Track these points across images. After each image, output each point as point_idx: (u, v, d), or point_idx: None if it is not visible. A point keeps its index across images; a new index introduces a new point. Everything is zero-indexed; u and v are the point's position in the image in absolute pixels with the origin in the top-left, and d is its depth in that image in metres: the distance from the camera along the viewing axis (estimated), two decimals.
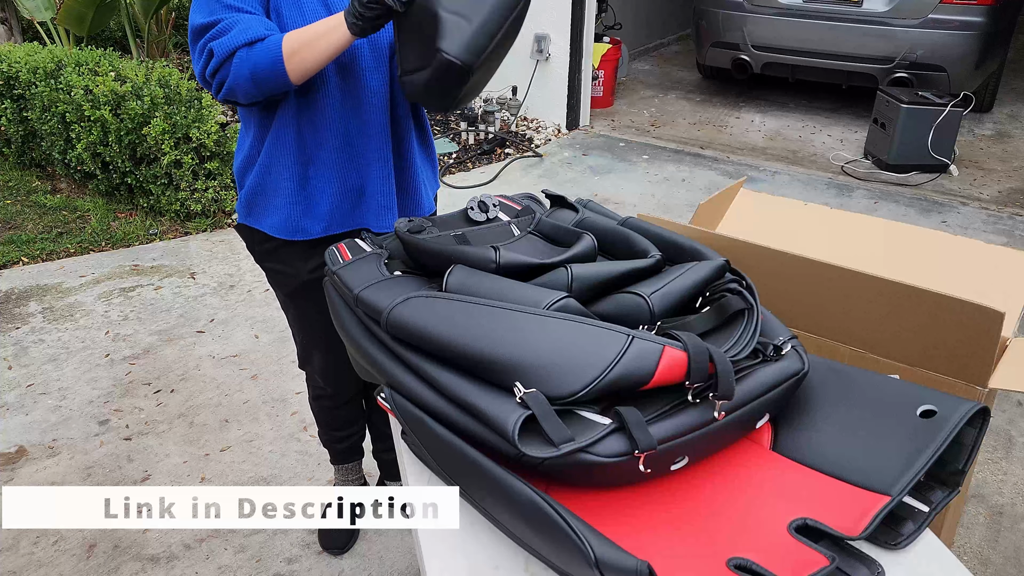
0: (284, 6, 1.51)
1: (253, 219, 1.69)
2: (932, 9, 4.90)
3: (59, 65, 4.01)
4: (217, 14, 1.45)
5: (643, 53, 7.20)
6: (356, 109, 1.59)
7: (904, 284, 1.47)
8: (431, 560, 0.99)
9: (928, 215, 4.16)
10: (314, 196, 1.64)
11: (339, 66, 1.55)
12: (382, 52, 1.57)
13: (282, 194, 1.64)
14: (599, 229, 1.31)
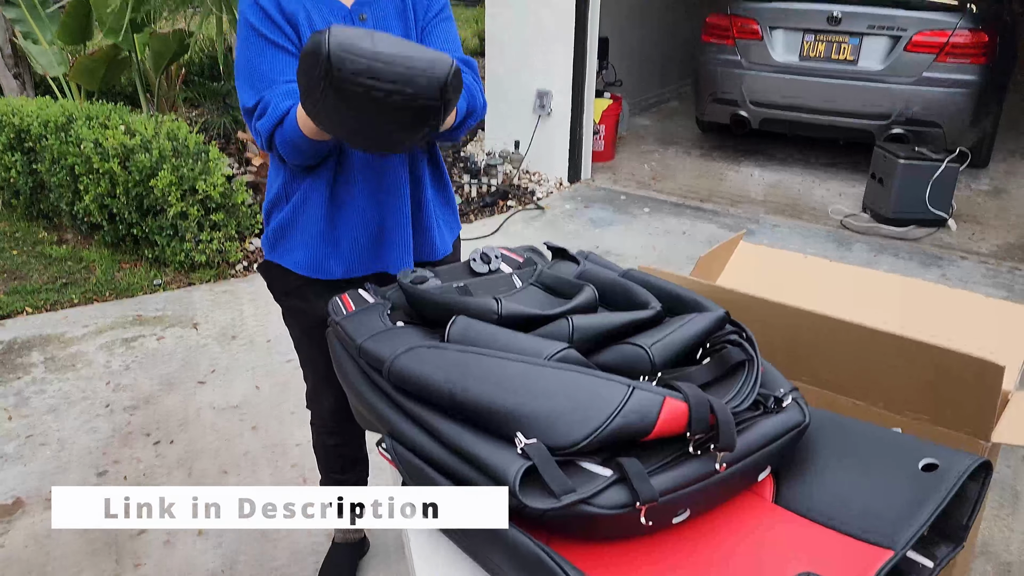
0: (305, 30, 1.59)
1: (278, 255, 1.75)
2: (926, 68, 4.99)
3: (70, 119, 4.08)
4: (257, 90, 1.55)
5: (643, 109, 7.32)
6: (382, 162, 1.65)
7: (905, 337, 1.48)
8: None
9: (928, 268, 4.18)
10: (339, 236, 1.70)
11: None
12: None
13: (310, 232, 1.70)
14: (600, 281, 1.33)
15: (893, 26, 5.04)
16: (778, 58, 5.39)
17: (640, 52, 7.07)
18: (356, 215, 1.68)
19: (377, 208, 1.69)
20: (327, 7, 1.63)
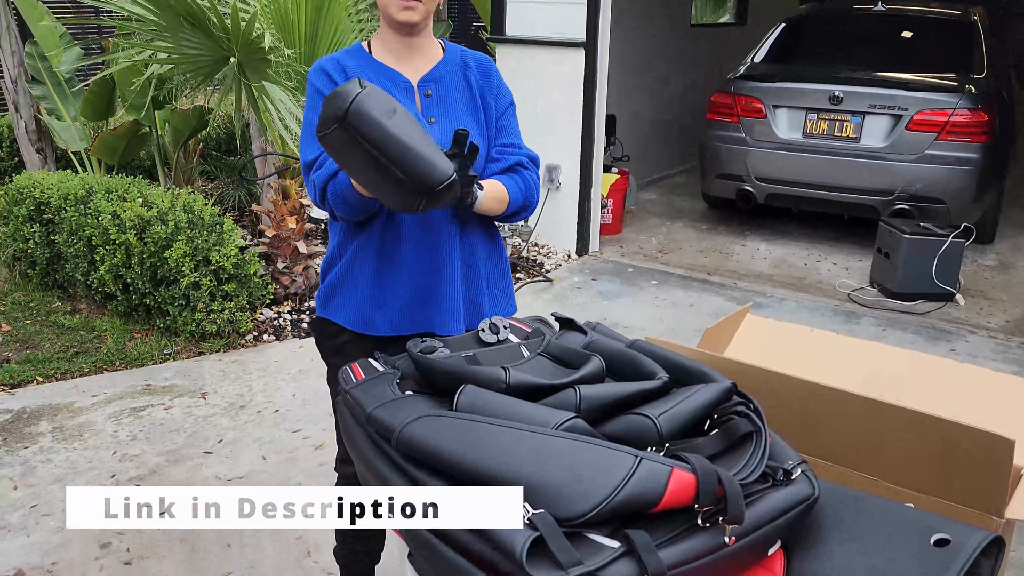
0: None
1: (329, 311, 1.82)
2: (928, 146, 5.08)
3: (89, 192, 4.18)
4: (316, 147, 1.67)
5: (650, 183, 7.44)
6: (430, 222, 1.73)
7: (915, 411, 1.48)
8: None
9: (936, 343, 4.17)
10: (387, 294, 1.76)
11: None
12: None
13: (359, 288, 1.78)
14: (607, 351, 1.34)
15: (894, 106, 5.16)
16: (782, 135, 5.50)
17: (647, 129, 7.22)
18: (404, 273, 1.75)
19: (425, 269, 1.75)
20: (390, 79, 1.72)
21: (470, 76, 1.80)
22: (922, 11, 6.04)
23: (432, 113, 1.73)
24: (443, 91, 1.76)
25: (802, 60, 5.90)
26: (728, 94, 5.70)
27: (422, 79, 1.75)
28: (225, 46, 3.69)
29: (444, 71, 1.77)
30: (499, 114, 1.81)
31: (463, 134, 1.49)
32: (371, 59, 1.74)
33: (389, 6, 1.66)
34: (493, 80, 1.82)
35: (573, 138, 5.28)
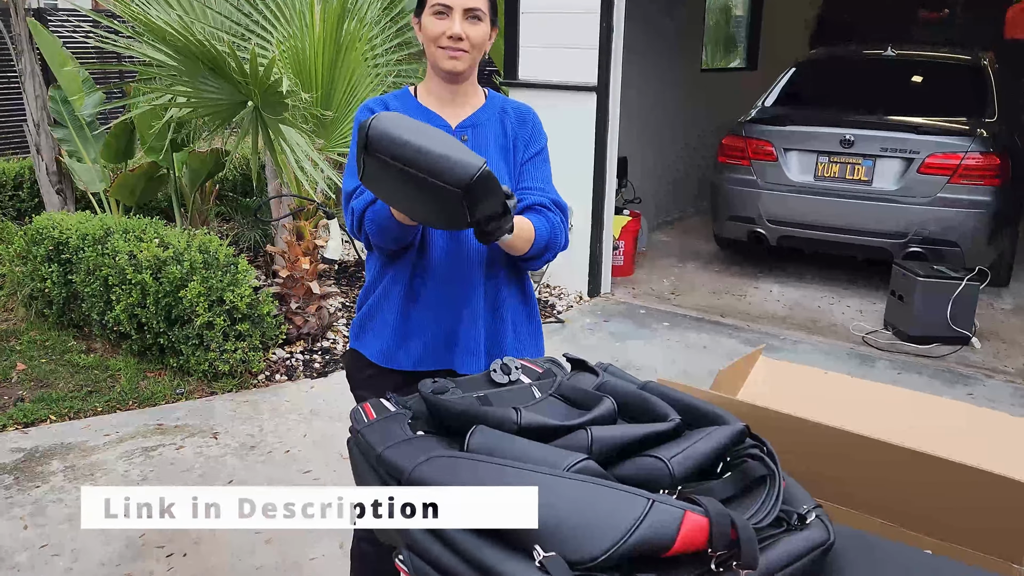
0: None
1: (360, 344, 1.89)
2: (941, 189, 5.08)
3: (107, 232, 4.23)
4: (356, 179, 1.73)
5: (662, 225, 7.46)
6: (458, 261, 1.78)
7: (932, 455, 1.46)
8: None
9: (953, 387, 4.12)
10: (412, 329, 1.82)
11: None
12: None
13: (388, 324, 1.83)
14: (619, 393, 1.34)
15: (905, 149, 5.17)
16: (793, 178, 5.51)
17: (658, 171, 7.27)
18: (429, 311, 1.80)
19: (450, 307, 1.80)
20: (430, 122, 1.80)
21: (507, 122, 1.86)
22: (931, 56, 6.10)
23: None
24: (479, 136, 1.82)
25: (813, 104, 5.95)
26: (739, 137, 5.74)
27: (460, 123, 1.82)
28: (243, 90, 3.76)
29: (483, 117, 1.84)
30: (526, 158, 1.86)
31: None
32: (415, 102, 1.83)
33: (436, 55, 1.74)
34: (528, 126, 1.88)
35: (585, 180, 5.31)
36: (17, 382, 3.98)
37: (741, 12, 8.74)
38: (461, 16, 1.71)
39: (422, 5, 1.77)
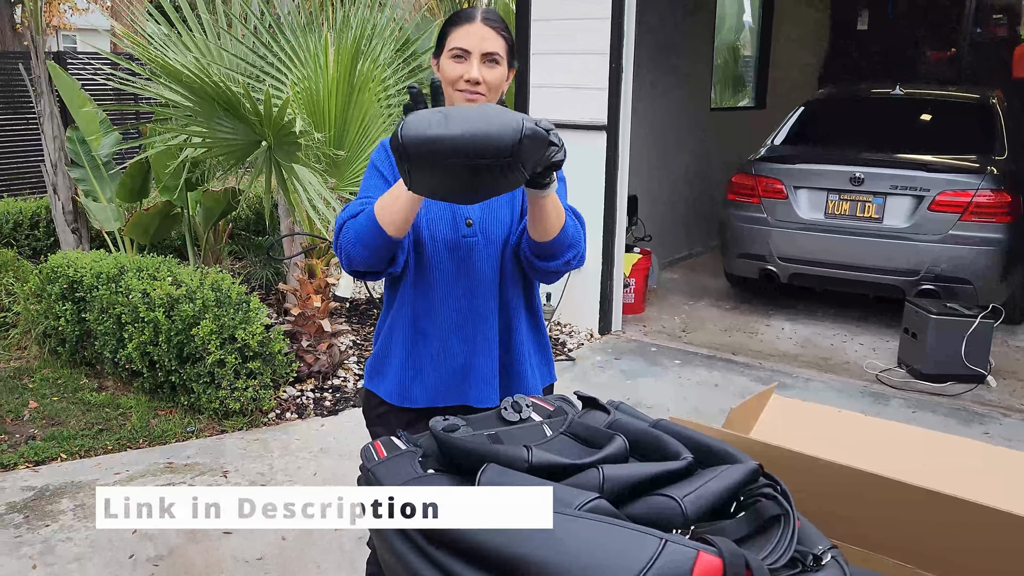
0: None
1: (373, 383, 1.90)
2: (952, 226, 5.08)
3: (121, 270, 4.27)
4: (350, 210, 1.74)
5: (673, 263, 7.47)
6: (467, 292, 1.78)
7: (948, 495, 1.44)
8: None
9: (969, 426, 4.08)
10: (424, 367, 1.82)
11: (452, 252, 1.77)
12: (495, 243, 1.79)
13: (397, 362, 1.84)
14: (631, 431, 1.33)
15: (916, 186, 5.18)
16: (804, 216, 5.52)
17: (668, 209, 7.29)
18: (438, 346, 1.80)
19: (462, 342, 1.80)
20: None
21: None
22: (940, 94, 6.13)
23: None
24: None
25: (822, 142, 5.98)
26: (749, 175, 5.77)
27: None
28: (257, 130, 3.82)
29: None
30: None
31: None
32: None
33: (454, 98, 1.76)
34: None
35: (595, 218, 5.34)
36: (29, 420, 3.99)
37: (749, 52, 8.84)
38: (479, 60, 1.73)
39: (441, 47, 1.79)
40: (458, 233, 1.77)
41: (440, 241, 1.77)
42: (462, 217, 1.78)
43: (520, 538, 1.02)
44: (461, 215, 1.78)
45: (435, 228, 1.77)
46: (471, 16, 1.77)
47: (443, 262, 1.78)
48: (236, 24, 4.57)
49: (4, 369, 4.60)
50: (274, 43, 4.23)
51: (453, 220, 1.77)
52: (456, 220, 1.77)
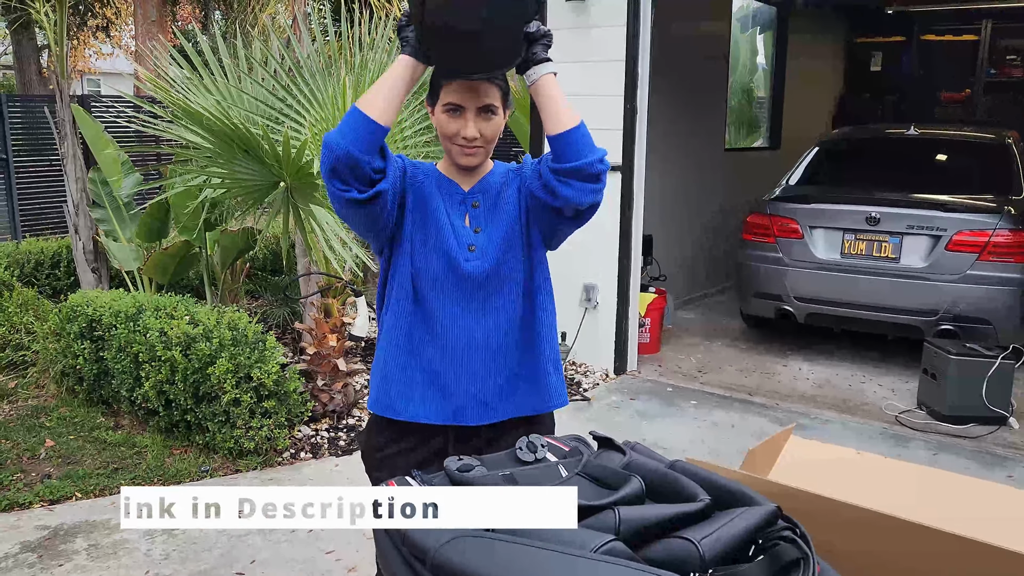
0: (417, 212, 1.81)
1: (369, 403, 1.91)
2: (970, 266, 5.04)
3: (140, 309, 4.31)
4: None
5: (688, 302, 7.44)
6: (468, 314, 1.82)
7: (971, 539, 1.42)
8: None
9: (992, 469, 4.00)
10: (409, 381, 1.84)
11: (455, 276, 1.80)
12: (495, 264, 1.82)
13: (384, 374, 1.86)
14: (647, 472, 1.32)
15: (932, 226, 5.16)
16: (820, 255, 5.51)
17: (684, 248, 7.30)
18: (423, 362, 1.83)
19: (446, 360, 1.82)
20: (447, 188, 1.85)
21: (510, 176, 1.90)
22: (955, 134, 6.14)
23: (479, 223, 1.84)
24: (489, 200, 1.86)
25: (837, 182, 5.98)
26: (764, 215, 5.77)
27: (472, 188, 1.86)
28: (276, 172, 3.87)
29: (491, 180, 1.88)
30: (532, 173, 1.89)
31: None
32: (437, 172, 1.88)
33: (451, 150, 1.79)
34: (530, 163, 1.92)
35: (610, 258, 5.34)
36: (45, 459, 4.00)
37: (763, 93, 8.90)
38: (475, 114, 1.74)
39: (435, 95, 1.78)
40: (462, 257, 1.80)
41: (442, 259, 1.79)
42: (466, 243, 1.80)
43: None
44: (465, 241, 1.80)
45: (436, 254, 1.80)
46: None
47: (445, 286, 1.80)
48: (257, 67, 4.66)
49: (22, 407, 4.63)
50: (293, 86, 4.31)
51: (458, 244, 1.80)
52: (460, 245, 1.80)
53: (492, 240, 1.82)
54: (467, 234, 1.82)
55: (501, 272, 1.83)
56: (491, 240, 1.82)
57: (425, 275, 1.81)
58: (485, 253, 1.81)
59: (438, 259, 1.80)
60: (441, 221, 1.81)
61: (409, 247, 1.81)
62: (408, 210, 1.82)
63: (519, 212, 1.86)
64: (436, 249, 1.80)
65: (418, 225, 1.81)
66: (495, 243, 1.82)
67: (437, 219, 1.81)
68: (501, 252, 1.82)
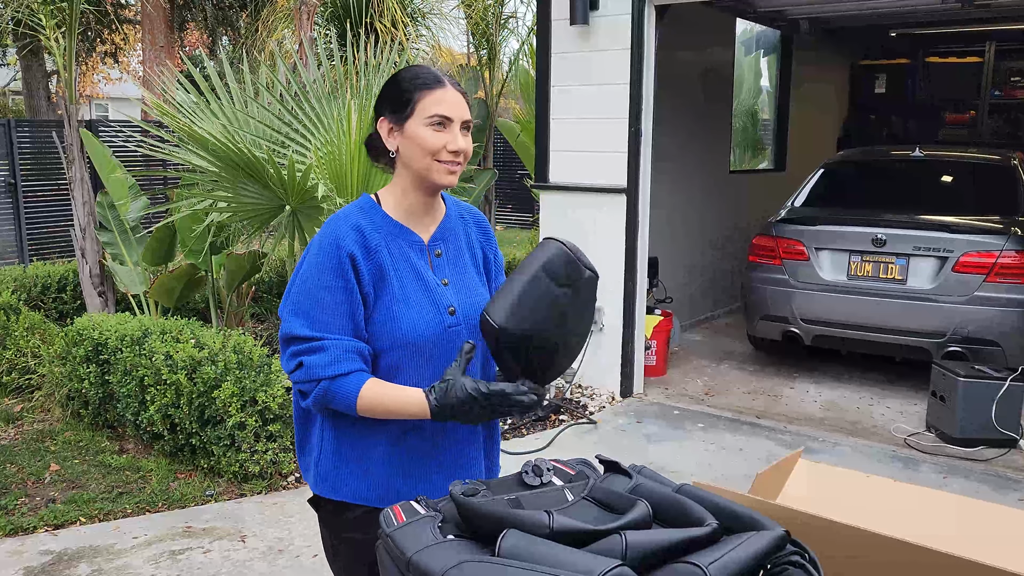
0: (389, 292, 1.62)
1: (338, 491, 1.71)
2: (977, 287, 5.02)
3: (145, 333, 4.31)
4: (315, 329, 1.56)
5: (694, 325, 7.42)
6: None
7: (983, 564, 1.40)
8: None
9: (1003, 492, 3.96)
10: (409, 463, 1.68)
11: (434, 343, 1.64)
12: (477, 328, 1.64)
13: (378, 459, 1.68)
14: (654, 496, 1.31)
15: (939, 248, 5.15)
16: (826, 277, 5.49)
17: (689, 271, 7.29)
18: (419, 441, 1.67)
19: (444, 432, 1.68)
20: (406, 239, 1.67)
21: (470, 231, 1.79)
22: (960, 156, 6.14)
23: (444, 274, 1.69)
24: (450, 249, 1.73)
25: (842, 203, 5.98)
26: (770, 237, 5.77)
27: (432, 238, 1.71)
28: (281, 195, 3.89)
29: (449, 227, 1.74)
30: (497, 270, 1.84)
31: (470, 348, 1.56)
32: (386, 216, 1.67)
33: (432, 168, 1.60)
34: (489, 236, 1.83)
35: (616, 280, 5.34)
36: (50, 483, 3.99)
37: (768, 115, 8.93)
38: (460, 128, 1.62)
39: (405, 110, 1.61)
40: (443, 324, 1.64)
41: (425, 335, 1.62)
42: (444, 306, 1.65)
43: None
44: (443, 304, 1.65)
45: (419, 321, 1.62)
46: (440, 78, 1.63)
47: (424, 352, 1.63)
48: (263, 92, 4.70)
49: (27, 431, 4.62)
50: (299, 110, 4.34)
51: (436, 310, 1.64)
52: (439, 310, 1.64)
53: (471, 300, 1.71)
54: (446, 296, 1.68)
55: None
56: (470, 299, 1.71)
57: (402, 347, 1.66)
58: (468, 316, 1.68)
59: (415, 328, 1.64)
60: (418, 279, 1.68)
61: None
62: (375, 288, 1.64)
63: (480, 268, 1.79)
64: (413, 317, 1.64)
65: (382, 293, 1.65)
66: (475, 304, 1.70)
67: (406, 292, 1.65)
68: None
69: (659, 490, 1.33)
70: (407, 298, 1.62)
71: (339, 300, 1.57)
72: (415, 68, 1.66)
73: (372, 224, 1.64)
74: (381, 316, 1.60)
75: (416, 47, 8.60)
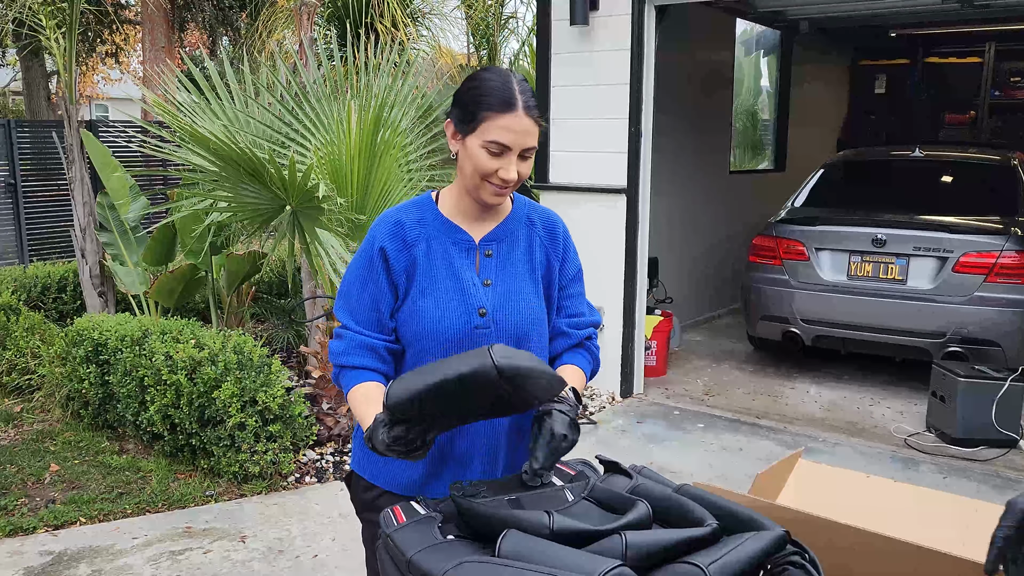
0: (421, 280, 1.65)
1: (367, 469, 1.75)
2: (977, 287, 5.02)
3: (145, 333, 4.31)
4: (344, 316, 1.68)
5: (695, 325, 7.42)
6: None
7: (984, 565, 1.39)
8: None
9: (1003, 492, 3.96)
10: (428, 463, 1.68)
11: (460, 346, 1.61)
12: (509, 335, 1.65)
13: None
14: (654, 496, 1.31)
15: (939, 248, 5.15)
16: (826, 277, 5.49)
17: (689, 271, 7.29)
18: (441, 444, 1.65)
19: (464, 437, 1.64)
20: (452, 237, 1.66)
21: (534, 236, 1.73)
22: (960, 156, 6.14)
23: (489, 275, 1.66)
24: (504, 251, 1.69)
25: (842, 204, 5.98)
26: (770, 237, 5.77)
27: (484, 238, 1.68)
28: (281, 196, 3.89)
29: (508, 229, 1.70)
30: (567, 280, 1.76)
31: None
32: (437, 214, 1.68)
33: (481, 187, 1.59)
34: (559, 242, 1.75)
35: (616, 281, 5.34)
36: (50, 483, 3.99)
37: (768, 116, 8.93)
38: (517, 156, 1.57)
39: (472, 124, 1.57)
40: (470, 324, 1.61)
41: (448, 332, 1.60)
42: (474, 306, 1.62)
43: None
44: (474, 304, 1.62)
45: (443, 318, 1.61)
46: (513, 102, 1.55)
47: (447, 349, 1.60)
48: (263, 92, 4.69)
49: (28, 432, 4.62)
50: (299, 110, 4.34)
51: (464, 309, 1.62)
52: (468, 309, 1.62)
53: (508, 303, 1.67)
54: (477, 296, 1.65)
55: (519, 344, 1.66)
56: (506, 303, 1.67)
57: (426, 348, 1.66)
58: (498, 320, 1.65)
59: (440, 328, 1.63)
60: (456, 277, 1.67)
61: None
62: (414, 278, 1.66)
63: (537, 274, 1.73)
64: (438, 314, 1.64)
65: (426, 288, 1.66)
66: (511, 308, 1.67)
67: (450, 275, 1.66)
68: (519, 321, 1.67)
69: (659, 490, 1.33)
70: (434, 293, 1.63)
71: (364, 292, 1.66)
72: (492, 81, 1.58)
73: (418, 219, 1.67)
74: (408, 308, 1.64)
75: (416, 47, 8.60)
